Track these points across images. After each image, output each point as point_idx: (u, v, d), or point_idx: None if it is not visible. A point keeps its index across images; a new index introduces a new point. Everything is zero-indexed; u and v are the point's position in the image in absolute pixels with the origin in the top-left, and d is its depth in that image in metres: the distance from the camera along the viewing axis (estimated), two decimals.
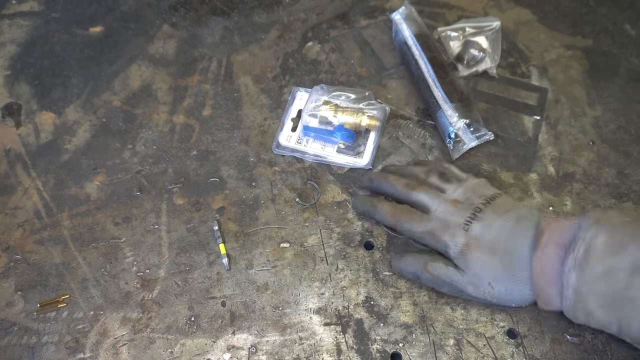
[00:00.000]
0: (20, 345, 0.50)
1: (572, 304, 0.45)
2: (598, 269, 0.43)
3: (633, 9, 0.71)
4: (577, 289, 0.44)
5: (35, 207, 0.57)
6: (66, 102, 0.65)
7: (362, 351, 0.49)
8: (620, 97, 0.64)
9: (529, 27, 0.70)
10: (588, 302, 0.44)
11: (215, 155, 0.60)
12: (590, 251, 0.44)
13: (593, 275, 0.43)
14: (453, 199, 0.51)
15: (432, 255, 0.51)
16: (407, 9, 0.66)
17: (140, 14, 0.72)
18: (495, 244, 0.47)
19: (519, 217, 0.48)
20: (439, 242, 0.49)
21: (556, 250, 0.45)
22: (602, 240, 0.44)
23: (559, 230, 0.46)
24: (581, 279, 0.44)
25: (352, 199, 0.57)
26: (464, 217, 0.49)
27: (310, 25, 0.70)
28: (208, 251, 0.54)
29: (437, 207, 0.50)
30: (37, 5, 0.73)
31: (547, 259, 0.45)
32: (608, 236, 0.44)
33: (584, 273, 0.43)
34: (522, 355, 0.49)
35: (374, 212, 0.54)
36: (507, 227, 0.48)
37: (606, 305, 0.43)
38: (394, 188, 0.54)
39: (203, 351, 0.49)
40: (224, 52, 0.68)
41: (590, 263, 0.43)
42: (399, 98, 0.64)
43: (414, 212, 0.52)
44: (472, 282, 0.48)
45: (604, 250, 0.43)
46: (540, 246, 0.46)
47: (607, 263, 0.43)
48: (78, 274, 0.53)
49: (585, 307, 0.44)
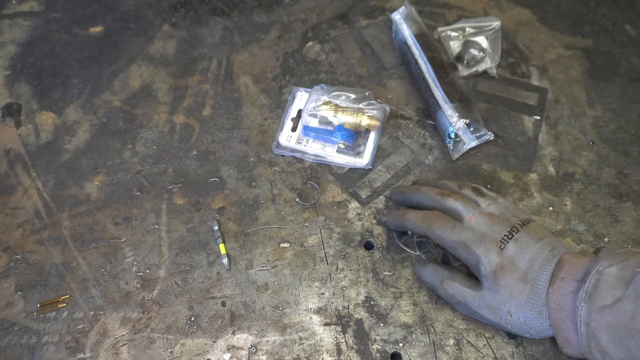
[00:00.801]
0: (20, 345, 0.50)
1: (586, 342, 0.43)
2: (607, 301, 0.42)
3: (633, 9, 0.71)
4: (587, 323, 0.43)
5: (35, 207, 0.57)
6: (66, 102, 0.65)
7: (362, 351, 0.49)
8: (620, 97, 0.64)
9: (529, 27, 0.70)
10: (600, 337, 0.42)
11: (215, 155, 0.60)
12: (600, 282, 0.42)
13: (602, 306, 0.42)
14: (489, 212, 0.49)
15: (451, 272, 0.50)
16: (407, 9, 0.66)
17: (140, 14, 0.72)
18: (528, 272, 0.46)
19: (552, 247, 0.47)
20: (471, 255, 0.48)
21: (572, 285, 0.44)
22: (613, 272, 0.42)
23: (577, 264, 0.45)
24: (590, 311, 0.42)
25: (382, 218, 0.56)
26: (500, 233, 0.47)
27: (310, 25, 0.70)
28: (208, 251, 0.54)
29: (472, 218, 0.49)
30: (37, 5, 0.73)
31: (563, 293, 0.44)
32: (619, 268, 0.42)
33: (593, 304, 0.42)
34: (522, 355, 0.49)
35: (403, 223, 0.52)
36: (541, 255, 0.46)
37: (617, 340, 0.41)
38: (427, 196, 0.52)
39: (203, 351, 0.49)
40: (224, 52, 0.68)
41: (600, 294, 0.42)
42: (399, 98, 0.64)
43: (447, 218, 0.50)
44: (490, 306, 0.47)
45: (614, 282, 0.42)
46: (557, 279, 0.45)
47: (616, 294, 0.41)
48: (78, 274, 0.53)
49: (599, 344, 0.42)
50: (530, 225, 0.48)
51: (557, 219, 0.56)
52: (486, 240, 0.47)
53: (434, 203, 0.52)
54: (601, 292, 0.42)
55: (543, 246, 0.47)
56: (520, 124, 0.62)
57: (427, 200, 0.52)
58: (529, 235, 0.47)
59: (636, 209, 0.56)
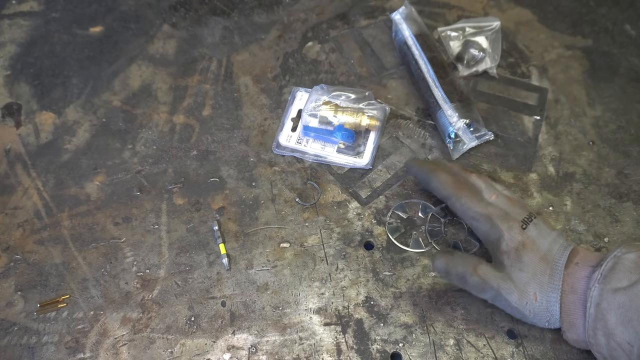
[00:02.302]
0: (20, 345, 0.50)
1: (592, 324, 0.44)
2: (622, 283, 0.42)
3: (633, 9, 0.71)
4: (599, 303, 0.43)
5: (35, 207, 0.57)
6: (66, 102, 0.65)
7: (362, 351, 0.49)
8: (620, 97, 0.64)
9: (529, 27, 0.70)
10: (608, 318, 0.43)
11: (215, 155, 0.60)
12: (617, 266, 0.43)
13: (616, 288, 0.42)
14: (508, 195, 0.51)
15: (480, 259, 0.49)
16: (407, 9, 0.66)
17: (140, 14, 0.72)
18: (548, 253, 0.47)
19: (566, 237, 0.49)
20: (493, 229, 0.48)
21: (586, 270, 0.45)
22: (631, 258, 0.43)
23: (590, 254, 0.47)
24: (603, 291, 0.43)
25: (407, 162, 0.55)
26: (521, 215, 0.49)
27: (310, 25, 0.70)
28: (208, 251, 0.54)
29: (494, 197, 0.50)
30: (37, 5, 0.73)
31: (577, 277, 0.45)
32: (638, 256, 0.43)
33: (607, 285, 0.43)
34: (522, 355, 0.49)
35: (431, 178, 0.52)
36: (558, 241, 0.48)
37: (626, 322, 0.42)
38: (452, 171, 0.53)
39: (203, 351, 0.49)
40: (224, 52, 0.68)
41: (616, 277, 0.43)
42: (399, 98, 0.64)
43: (475, 190, 0.51)
44: (518, 287, 0.47)
45: (631, 266, 0.43)
46: (571, 264, 0.46)
47: (632, 278, 0.42)
48: (78, 274, 0.53)
49: (606, 326, 0.43)
50: (544, 216, 0.51)
51: (557, 219, 0.56)
52: (509, 218, 0.48)
53: (457, 176, 0.52)
54: (617, 275, 0.43)
55: (559, 234, 0.49)
56: (520, 124, 0.62)
57: (449, 174, 0.53)
58: (545, 224, 0.49)
59: (636, 209, 0.56)
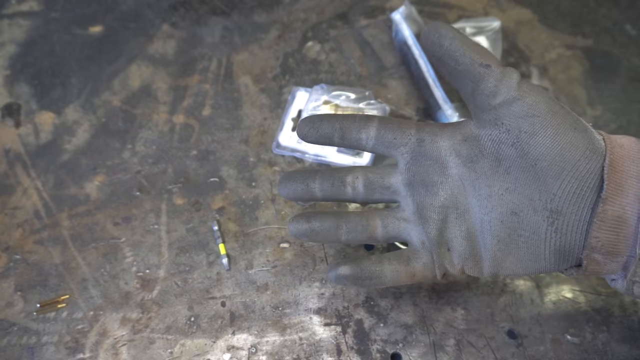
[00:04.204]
0: (19, 345, 0.50)
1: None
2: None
3: (633, 9, 0.71)
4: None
5: (34, 207, 0.57)
6: (66, 102, 0.64)
7: (362, 351, 0.49)
8: (620, 97, 0.64)
9: (529, 27, 0.70)
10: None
11: (215, 155, 0.60)
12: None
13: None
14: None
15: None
16: (407, 9, 0.66)
17: (139, 14, 0.72)
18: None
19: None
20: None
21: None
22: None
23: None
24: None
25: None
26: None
27: (310, 25, 0.70)
28: (208, 251, 0.54)
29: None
30: (36, 5, 0.73)
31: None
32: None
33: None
34: (522, 355, 0.49)
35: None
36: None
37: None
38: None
39: (203, 351, 0.49)
40: (223, 52, 0.68)
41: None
42: (399, 98, 0.64)
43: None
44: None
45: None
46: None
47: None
48: (78, 274, 0.53)
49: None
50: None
51: None
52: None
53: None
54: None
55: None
56: None
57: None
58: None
59: None
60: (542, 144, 0.36)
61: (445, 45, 0.39)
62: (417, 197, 0.43)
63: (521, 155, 0.37)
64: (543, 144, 0.36)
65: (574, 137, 0.36)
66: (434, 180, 0.42)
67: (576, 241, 0.37)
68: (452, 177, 0.42)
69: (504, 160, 0.39)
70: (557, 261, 0.38)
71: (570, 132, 0.36)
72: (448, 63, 0.39)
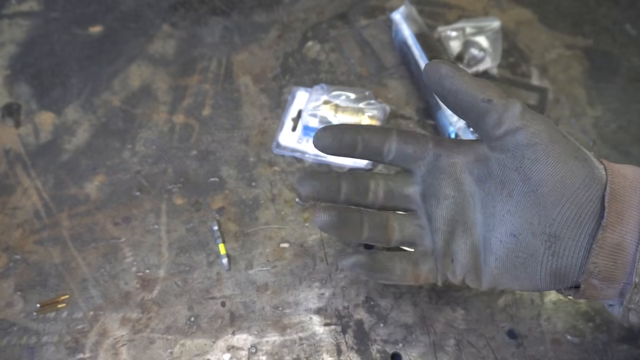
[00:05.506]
0: (19, 345, 0.50)
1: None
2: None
3: (633, 8, 0.71)
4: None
5: (34, 207, 0.57)
6: (66, 102, 0.64)
7: (362, 351, 0.49)
8: (620, 97, 0.64)
9: (529, 27, 0.70)
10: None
11: (215, 155, 0.60)
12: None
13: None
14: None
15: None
16: (407, 9, 0.66)
17: (139, 14, 0.72)
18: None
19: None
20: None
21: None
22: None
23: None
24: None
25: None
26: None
27: (310, 25, 0.70)
28: (208, 251, 0.54)
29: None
30: (36, 5, 0.73)
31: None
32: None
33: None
34: (522, 355, 0.49)
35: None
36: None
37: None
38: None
39: (203, 351, 0.49)
40: (223, 52, 0.68)
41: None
42: (399, 98, 0.64)
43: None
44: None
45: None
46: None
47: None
48: (77, 274, 0.53)
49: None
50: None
51: None
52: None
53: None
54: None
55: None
56: None
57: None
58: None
59: None
60: (544, 171, 0.38)
61: (447, 85, 0.40)
62: (429, 208, 0.45)
63: (524, 180, 0.39)
64: (545, 171, 0.38)
65: (574, 165, 0.38)
66: (446, 193, 0.44)
67: (572, 265, 0.38)
68: (464, 192, 0.44)
69: (507, 184, 0.40)
70: (552, 282, 0.40)
71: (570, 160, 0.38)
72: (451, 100, 0.41)
